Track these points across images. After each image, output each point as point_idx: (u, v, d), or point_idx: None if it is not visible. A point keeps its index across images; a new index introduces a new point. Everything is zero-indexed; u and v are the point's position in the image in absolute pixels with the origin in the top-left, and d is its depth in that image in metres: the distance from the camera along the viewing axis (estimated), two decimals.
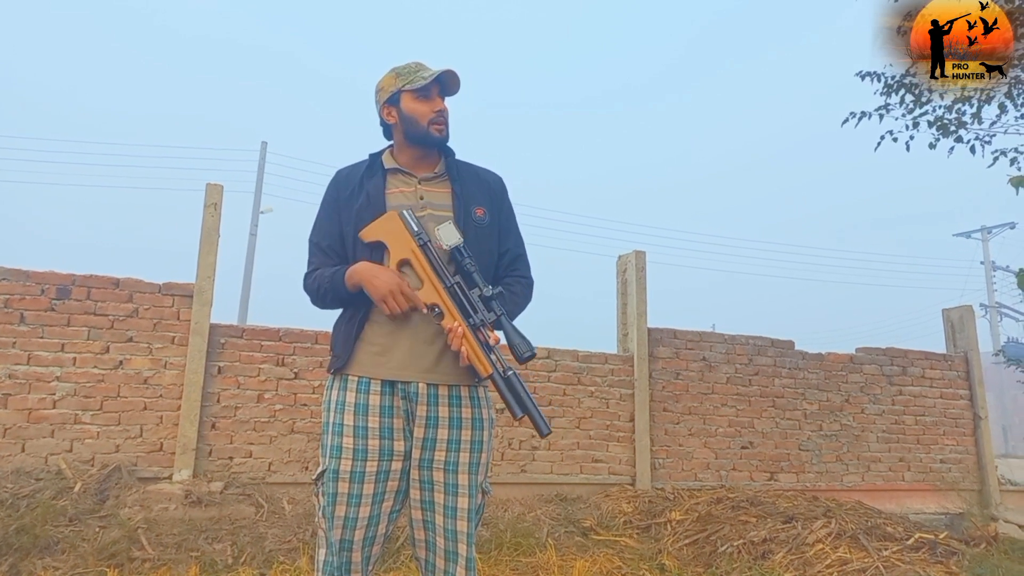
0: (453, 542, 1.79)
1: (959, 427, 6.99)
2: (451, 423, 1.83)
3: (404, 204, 1.91)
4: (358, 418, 1.81)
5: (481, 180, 2.04)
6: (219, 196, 5.04)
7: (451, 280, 1.83)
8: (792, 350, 6.57)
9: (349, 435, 1.80)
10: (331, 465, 1.80)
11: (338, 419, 1.83)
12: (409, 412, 1.83)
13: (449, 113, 1.98)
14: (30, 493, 4.05)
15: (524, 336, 1.82)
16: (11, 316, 4.52)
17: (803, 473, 6.29)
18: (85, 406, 4.54)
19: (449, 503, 1.80)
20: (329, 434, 1.84)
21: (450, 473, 1.81)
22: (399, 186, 1.95)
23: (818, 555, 4.30)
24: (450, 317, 1.81)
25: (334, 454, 1.80)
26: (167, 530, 4.03)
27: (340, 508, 1.78)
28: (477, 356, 1.80)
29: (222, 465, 4.74)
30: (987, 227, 28.35)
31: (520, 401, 1.81)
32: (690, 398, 6.08)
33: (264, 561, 3.92)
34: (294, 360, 5.05)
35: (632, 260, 6.20)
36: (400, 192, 1.94)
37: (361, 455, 1.79)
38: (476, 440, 1.86)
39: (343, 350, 1.88)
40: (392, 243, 1.86)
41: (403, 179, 1.96)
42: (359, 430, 1.80)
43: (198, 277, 4.89)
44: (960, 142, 5.83)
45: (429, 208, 1.92)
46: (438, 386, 1.84)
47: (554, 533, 4.70)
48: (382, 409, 1.82)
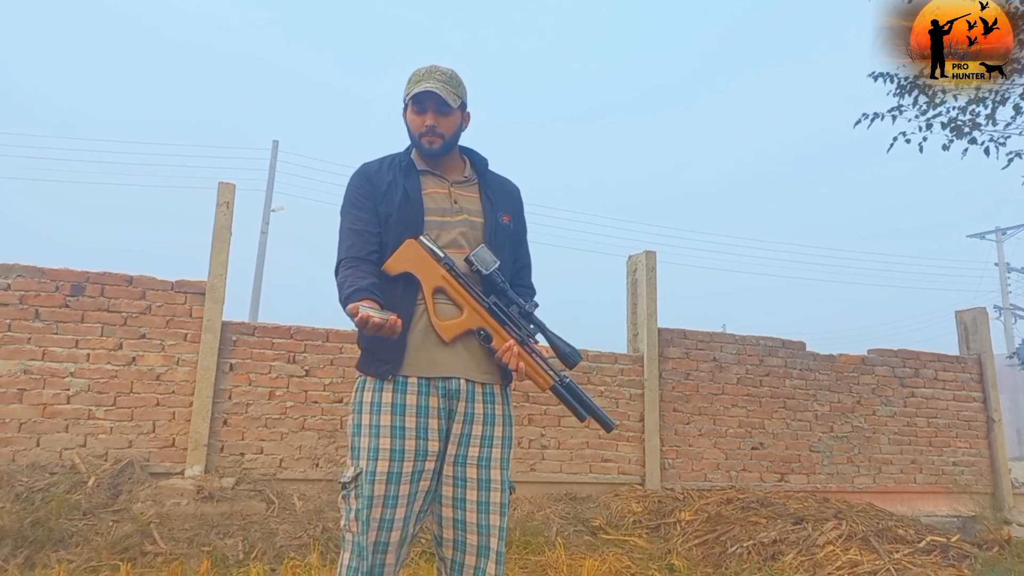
0: (485, 536, 1.80)
1: (972, 430, 6.94)
2: (486, 419, 1.86)
3: (440, 207, 1.92)
4: (395, 419, 1.80)
5: (505, 188, 2.08)
6: (231, 195, 5.07)
7: (488, 300, 1.86)
8: (803, 351, 6.54)
9: (387, 436, 1.78)
10: (368, 467, 1.77)
11: (374, 420, 1.80)
12: (445, 410, 1.83)
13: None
14: (45, 487, 4.10)
15: (568, 343, 1.87)
16: (26, 312, 4.57)
17: (814, 474, 6.26)
18: (99, 402, 4.59)
19: (482, 498, 1.81)
20: (364, 436, 1.81)
21: (483, 469, 1.83)
22: (434, 187, 1.95)
23: (828, 557, 4.28)
24: (499, 338, 1.84)
25: (371, 456, 1.77)
26: (179, 525, 4.07)
27: (376, 511, 1.75)
28: (536, 371, 1.85)
29: (233, 461, 4.77)
30: (1002, 228, 28.07)
31: (583, 404, 1.88)
32: (700, 398, 6.07)
33: (275, 557, 3.94)
34: (305, 358, 5.07)
35: (643, 260, 6.20)
36: (436, 193, 1.94)
37: (399, 456, 1.77)
38: (506, 436, 1.90)
39: (394, 355, 1.83)
40: (421, 273, 1.84)
41: (436, 181, 1.97)
42: (396, 430, 1.79)
43: (210, 275, 4.92)
44: (974, 144, 5.78)
45: (465, 212, 1.94)
46: (475, 383, 1.86)
47: (563, 532, 4.70)
48: (418, 409, 1.81)
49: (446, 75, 1.95)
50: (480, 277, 1.88)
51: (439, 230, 1.91)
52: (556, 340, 1.88)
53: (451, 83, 1.95)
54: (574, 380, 1.92)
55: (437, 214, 1.93)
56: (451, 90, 1.94)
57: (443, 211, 1.94)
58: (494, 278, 1.86)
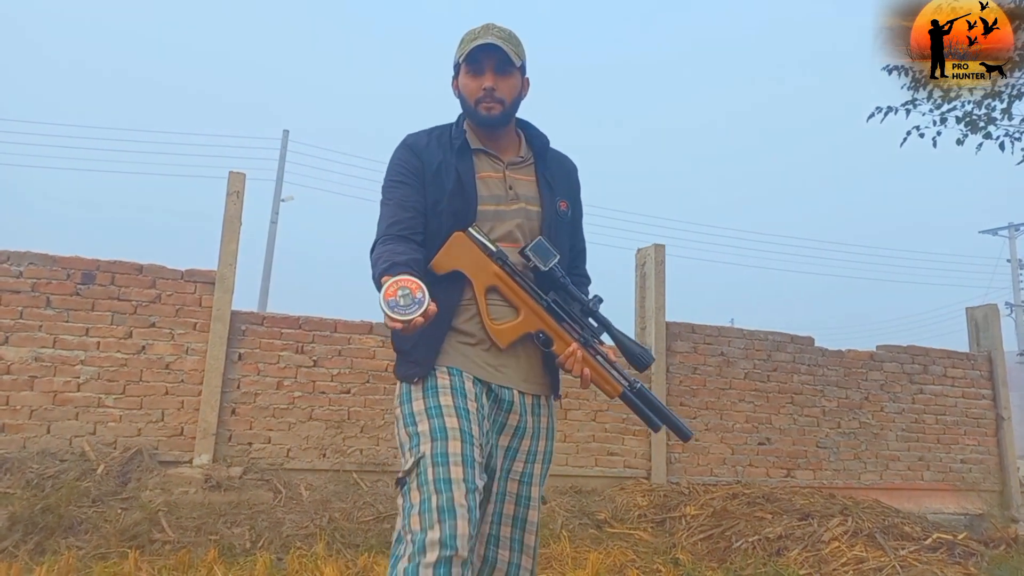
0: (518, 554, 1.67)
1: (981, 427, 6.90)
2: (535, 434, 1.71)
3: (494, 194, 1.70)
4: (457, 399, 1.55)
5: (563, 167, 1.86)
6: (241, 184, 5.08)
7: (547, 298, 1.65)
8: (811, 346, 6.51)
9: (452, 415, 1.52)
10: (437, 448, 1.47)
11: (432, 403, 1.55)
12: (492, 418, 1.64)
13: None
14: (55, 474, 4.14)
15: (638, 342, 1.65)
16: (37, 300, 4.60)
17: (820, 470, 6.24)
18: (108, 390, 4.62)
19: (519, 514, 1.68)
20: (423, 421, 1.53)
21: (524, 485, 1.68)
22: (487, 170, 1.73)
23: (834, 553, 4.27)
24: (561, 342, 1.64)
25: (438, 435, 1.49)
26: (187, 513, 4.10)
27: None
28: (603, 379, 1.67)
29: (241, 450, 4.80)
30: (1014, 224, 27.82)
31: (658, 412, 1.69)
32: (707, 393, 6.06)
33: (281, 546, 3.97)
34: (313, 348, 5.09)
35: (651, 254, 6.18)
36: (489, 178, 1.72)
37: (469, 438, 1.50)
38: (548, 451, 1.75)
39: (426, 356, 1.60)
40: (472, 271, 1.63)
41: (490, 162, 1.74)
42: (461, 411, 1.53)
43: (220, 264, 4.94)
44: (989, 138, 5.72)
45: (521, 200, 1.72)
46: (526, 395, 1.69)
47: (568, 525, 4.71)
48: (478, 396, 1.59)
49: (505, 32, 1.71)
50: (536, 274, 1.67)
51: (493, 222, 1.68)
52: (625, 340, 1.68)
53: (511, 41, 1.70)
54: (645, 385, 1.71)
55: (491, 203, 1.70)
56: (512, 47, 1.69)
57: (497, 199, 1.71)
58: (554, 273, 1.64)
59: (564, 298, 1.67)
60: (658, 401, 1.68)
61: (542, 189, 1.75)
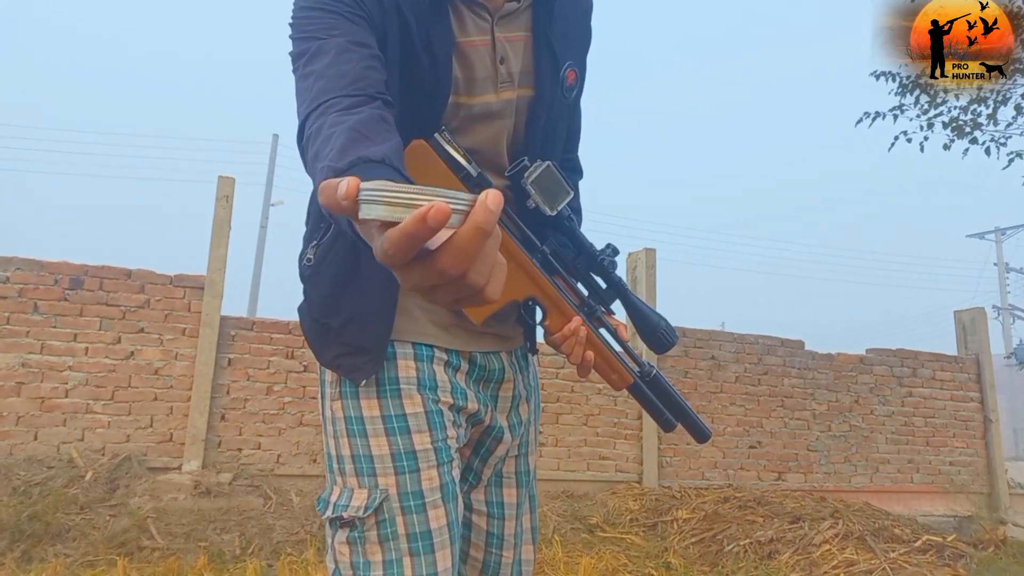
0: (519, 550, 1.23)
1: (969, 430, 6.95)
2: (528, 395, 1.25)
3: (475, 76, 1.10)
4: (428, 400, 1.07)
5: (574, 9, 1.21)
6: (231, 189, 5.07)
7: (542, 248, 1.11)
8: (802, 350, 6.54)
9: (423, 430, 1.06)
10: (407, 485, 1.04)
11: (393, 409, 1.05)
12: (482, 399, 1.17)
13: None
14: (42, 481, 4.10)
15: (661, 315, 1.17)
16: (25, 306, 4.56)
17: (811, 473, 6.27)
18: (96, 396, 4.59)
19: (521, 499, 1.25)
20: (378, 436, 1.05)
21: (523, 458, 1.26)
22: (471, 35, 1.09)
23: (824, 556, 4.29)
24: (558, 314, 1.10)
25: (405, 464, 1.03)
26: (176, 520, 4.07)
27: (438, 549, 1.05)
28: (611, 366, 1.16)
29: (231, 456, 4.77)
30: (1001, 228, 28.10)
31: (675, 407, 1.20)
32: (698, 397, 6.07)
33: (272, 552, 3.95)
34: (303, 353, 5.07)
35: (642, 258, 6.19)
36: (472, 48, 1.09)
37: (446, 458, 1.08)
38: (538, 403, 1.32)
39: (374, 333, 1.06)
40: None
41: (475, 21, 1.10)
42: (434, 419, 1.07)
43: (209, 269, 4.92)
44: (975, 144, 5.78)
45: (513, 84, 1.12)
46: (512, 354, 1.22)
47: (560, 529, 4.71)
48: (454, 387, 1.13)
49: None
50: (532, 213, 1.10)
51: (473, 124, 1.11)
52: (646, 310, 1.19)
53: None
54: (661, 372, 1.20)
55: (469, 93, 1.10)
56: None
57: (481, 84, 1.10)
58: (560, 218, 1.10)
59: (567, 251, 1.14)
60: (676, 394, 1.20)
61: (541, 58, 1.14)
